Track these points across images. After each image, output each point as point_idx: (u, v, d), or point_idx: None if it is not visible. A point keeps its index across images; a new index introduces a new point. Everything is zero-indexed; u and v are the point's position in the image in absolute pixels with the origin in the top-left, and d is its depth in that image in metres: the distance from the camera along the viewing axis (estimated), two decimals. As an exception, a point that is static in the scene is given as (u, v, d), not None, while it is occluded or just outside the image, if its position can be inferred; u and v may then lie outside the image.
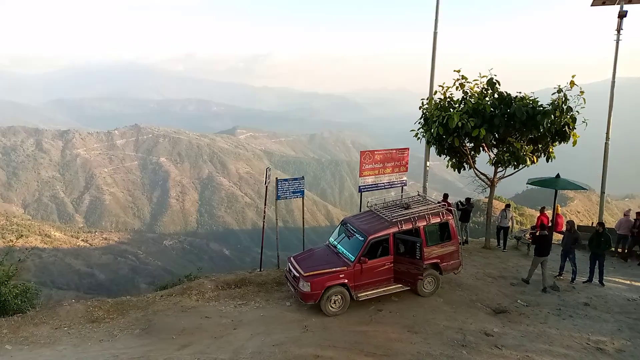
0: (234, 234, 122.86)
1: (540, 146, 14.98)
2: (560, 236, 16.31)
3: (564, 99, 14.10)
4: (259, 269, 14.03)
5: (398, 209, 12.00)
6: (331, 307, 10.61)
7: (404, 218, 11.34)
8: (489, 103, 14.30)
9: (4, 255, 11.61)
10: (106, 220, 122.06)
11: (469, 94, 15.00)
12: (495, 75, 14.64)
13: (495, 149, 15.47)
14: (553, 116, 13.90)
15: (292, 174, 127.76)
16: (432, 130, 14.71)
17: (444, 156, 16.18)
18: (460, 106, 14.93)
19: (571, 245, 13.55)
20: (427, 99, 16.22)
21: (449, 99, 15.31)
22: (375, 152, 15.23)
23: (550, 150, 15.12)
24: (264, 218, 14.56)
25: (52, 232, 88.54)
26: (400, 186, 15.75)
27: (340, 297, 10.66)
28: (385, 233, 11.04)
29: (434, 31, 16.60)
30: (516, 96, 14.56)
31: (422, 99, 16.30)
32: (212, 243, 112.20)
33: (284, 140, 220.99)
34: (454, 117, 13.79)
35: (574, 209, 73.60)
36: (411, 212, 11.60)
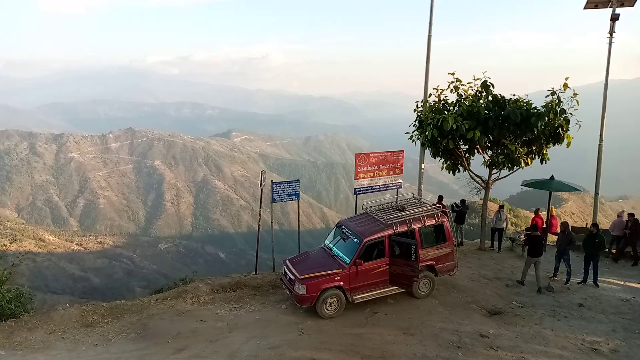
0: (229, 237, 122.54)
1: (534, 148, 15.05)
2: (554, 237, 16.38)
3: (557, 101, 14.20)
4: (254, 272, 14.01)
5: (393, 211, 12.01)
6: (327, 309, 10.60)
7: (399, 220, 11.35)
8: (483, 105, 14.36)
9: (-2, 260, 11.55)
10: (101, 224, 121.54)
11: (464, 96, 15.07)
12: (489, 77, 14.74)
13: (489, 151, 15.54)
14: (547, 118, 13.98)
15: (287, 177, 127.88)
16: (427, 132, 14.74)
17: (439, 158, 16.21)
18: (454, 109, 14.98)
19: (565, 247, 13.60)
20: (421, 101, 16.28)
21: (443, 102, 15.37)
22: (371, 155, 15.25)
23: (544, 152, 15.21)
24: (260, 221, 14.56)
25: (46, 236, 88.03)
26: (395, 188, 15.81)
27: (335, 299, 10.65)
28: (381, 235, 11.05)
29: (428, 34, 16.66)
30: (510, 98, 14.61)
31: (417, 101, 16.37)
32: (208, 246, 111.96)
33: (279, 143, 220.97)
34: (448, 119, 13.83)
35: (568, 211, 73.94)
36: (406, 214, 11.61)
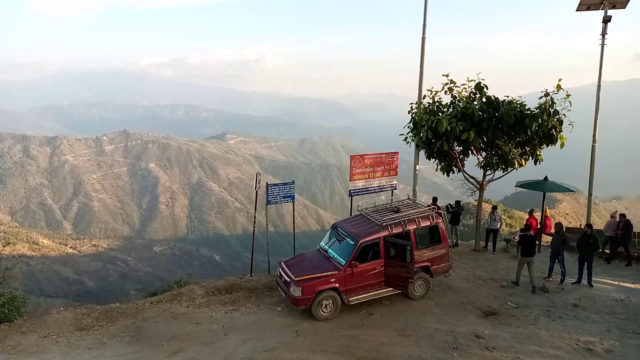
0: (224, 239, 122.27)
1: (528, 149, 15.10)
2: (549, 238, 16.45)
3: (550, 102, 14.27)
4: (249, 275, 13.97)
5: (388, 212, 12.02)
6: (322, 311, 10.59)
7: (394, 222, 11.36)
8: (477, 107, 14.41)
9: (-9, 264, 11.50)
10: (95, 227, 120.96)
11: (458, 98, 15.12)
12: (483, 79, 14.80)
13: (483, 152, 15.59)
14: (540, 119, 14.04)
15: (282, 179, 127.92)
16: (422, 134, 14.77)
17: (434, 160, 16.25)
18: (449, 110, 15.02)
19: (560, 247, 13.67)
20: (416, 103, 16.34)
21: (437, 103, 15.42)
22: (366, 156, 15.27)
23: (538, 153, 15.26)
24: (255, 223, 14.51)
25: (40, 240, 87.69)
26: (390, 190, 15.82)
27: (331, 301, 10.64)
28: (376, 237, 11.06)
29: (422, 36, 16.72)
30: (504, 100, 14.68)
31: (411, 103, 16.41)
32: (203, 249, 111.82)
33: (274, 145, 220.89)
34: (442, 121, 13.86)
35: (562, 211, 74.35)
36: (401, 216, 11.63)
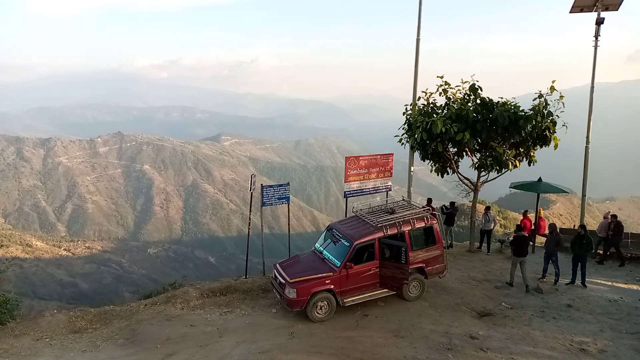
0: (219, 241, 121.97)
1: (522, 150, 15.17)
2: (543, 239, 16.51)
3: (544, 103, 14.35)
4: (244, 276, 13.96)
5: (383, 213, 12.04)
6: (317, 313, 10.58)
7: (389, 223, 11.38)
8: (471, 108, 14.46)
9: (-16, 266, 11.41)
10: (89, 229, 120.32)
11: (452, 99, 15.17)
12: (478, 81, 14.86)
13: (478, 153, 15.65)
14: (534, 121, 14.12)
15: (277, 180, 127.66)
16: (416, 135, 14.81)
17: (428, 161, 16.30)
18: (443, 112, 15.08)
19: (554, 248, 13.73)
20: (410, 105, 16.38)
21: (432, 105, 15.46)
22: (360, 158, 15.29)
23: (532, 154, 15.32)
24: (250, 224, 14.50)
25: (34, 242, 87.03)
26: (385, 191, 15.84)
27: (326, 302, 10.64)
28: (371, 238, 11.07)
29: (416, 38, 16.75)
30: (498, 101, 14.75)
31: (406, 105, 16.45)
32: (197, 250, 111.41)
33: (269, 147, 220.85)
34: (437, 122, 13.91)
35: (556, 212, 74.58)
36: (396, 217, 11.64)
